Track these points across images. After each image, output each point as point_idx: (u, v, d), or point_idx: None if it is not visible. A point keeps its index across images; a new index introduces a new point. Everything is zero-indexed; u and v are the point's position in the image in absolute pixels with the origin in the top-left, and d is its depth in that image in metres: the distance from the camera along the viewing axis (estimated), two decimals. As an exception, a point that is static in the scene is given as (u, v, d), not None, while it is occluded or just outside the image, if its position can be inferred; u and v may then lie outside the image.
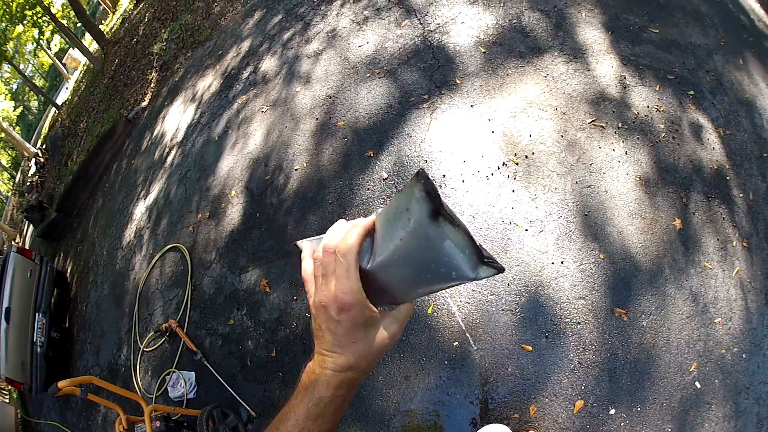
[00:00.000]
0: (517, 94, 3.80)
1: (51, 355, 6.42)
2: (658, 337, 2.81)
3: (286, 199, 4.25)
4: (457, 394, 2.91)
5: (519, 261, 3.11)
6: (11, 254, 6.41)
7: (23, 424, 8.18)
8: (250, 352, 3.84)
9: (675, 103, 3.62)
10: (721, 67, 3.90)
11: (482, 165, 3.52)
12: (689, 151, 3.42)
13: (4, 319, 5.96)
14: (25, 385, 6.18)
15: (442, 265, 0.61)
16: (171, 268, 4.95)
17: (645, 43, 3.95)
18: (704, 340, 2.81)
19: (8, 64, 18.23)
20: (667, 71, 3.77)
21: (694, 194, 3.26)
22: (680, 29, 4.07)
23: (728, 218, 3.21)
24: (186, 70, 7.57)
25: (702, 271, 3.00)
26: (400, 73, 4.38)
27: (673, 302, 2.90)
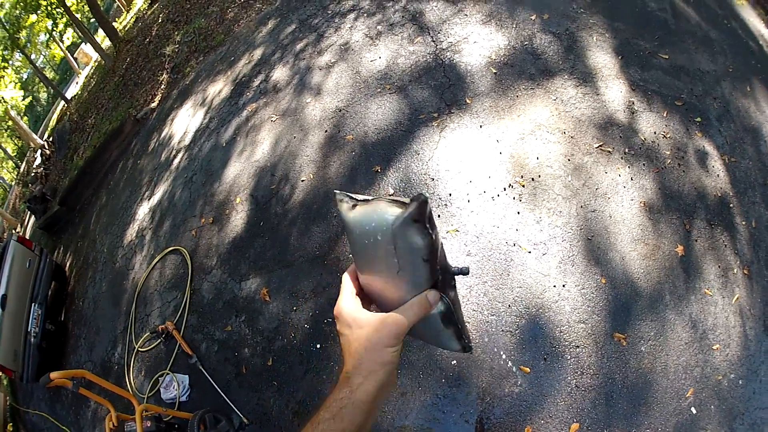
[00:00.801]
0: (526, 116, 3.84)
1: (44, 346, 6.40)
2: (656, 362, 2.82)
3: (290, 210, 4.26)
4: (453, 412, 2.91)
5: (521, 283, 3.13)
6: (11, 242, 6.42)
7: (11, 411, 8.15)
8: (246, 359, 3.83)
9: (682, 130, 3.66)
10: (728, 94, 3.94)
11: (489, 185, 3.55)
12: (694, 178, 3.45)
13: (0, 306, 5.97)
14: (17, 373, 6.15)
15: None
16: (171, 270, 4.96)
17: (654, 68, 3.99)
18: (702, 366, 2.83)
19: (20, 52, 18.35)
20: (675, 97, 3.81)
21: (697, 221, 3.28)
22: (690, 55, 4.11)
23: (730, 245, 3.23)
24: (197, 74, 7.61)
25: (702, 298, 3.02)
26: (410, 89, 4.42)
27: (673, 328, 2.91)
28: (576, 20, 4.44)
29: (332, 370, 3.37)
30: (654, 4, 4.60)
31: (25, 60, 20.86)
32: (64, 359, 6.41)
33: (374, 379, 0.71)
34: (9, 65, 18.22)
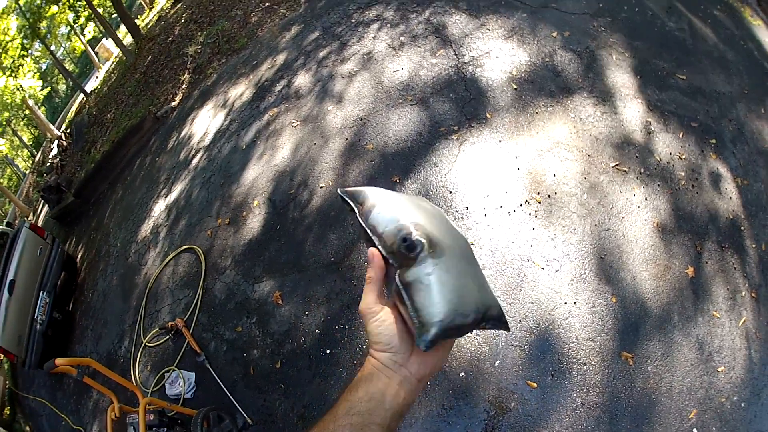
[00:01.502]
0: (545, 133, 3.87)
1: (50, 334, 6.42)
2: (661, 382, 2.82)
3: (308, 215, 4.29)
4: (458, 424, 2.92)
5: (532, 299, 3.15)
6: (23, 229, 6.47)
7: (10, 395, 8.17)
8: (254, 360, 3.85)
9: (696, 151, 3.68)
10: (743, 116, 3.96)
11: (505, 201, 3.58)
12: (707, 200, 3.47)
13: (7, 290, 6.00)
14: (19, 357, 6.18)
15: None
16: (184, 268, 5.00)
17: (672, 89, 4.02)
18: (706, 387, 2.82)
19: (40, 42, 18.58)
20: (692, 119, 3.83)
21: (708, 243, 3.30)
22: (706, 76, 4.14)
23: (739, 268, 3.24)
24: (219, 76, 7.68)
25: (710, 320, 3.03)
26: (432, 102, 4.47)
27: (679, 349, 2.92)
28: (596, 38, 4.48)
29: (341, 376, 3.39)
30: (673, 23, 4.64)
31: (45, 50, 21.10)
32: (69, 348, 6.44)
33: None
34: (28, 54, 18.46)
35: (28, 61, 18.40)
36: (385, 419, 0.71)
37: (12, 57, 16.39)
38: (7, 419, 7.73)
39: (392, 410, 0.72)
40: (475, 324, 0.69)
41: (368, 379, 0.74)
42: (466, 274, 0.73)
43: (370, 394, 0.72)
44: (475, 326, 0.70)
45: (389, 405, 0.71)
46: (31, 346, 6.22)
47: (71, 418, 5.52)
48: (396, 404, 0.72)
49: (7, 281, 6.04)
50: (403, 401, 0.73)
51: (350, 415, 0.71)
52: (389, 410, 0.71)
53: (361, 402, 0.72)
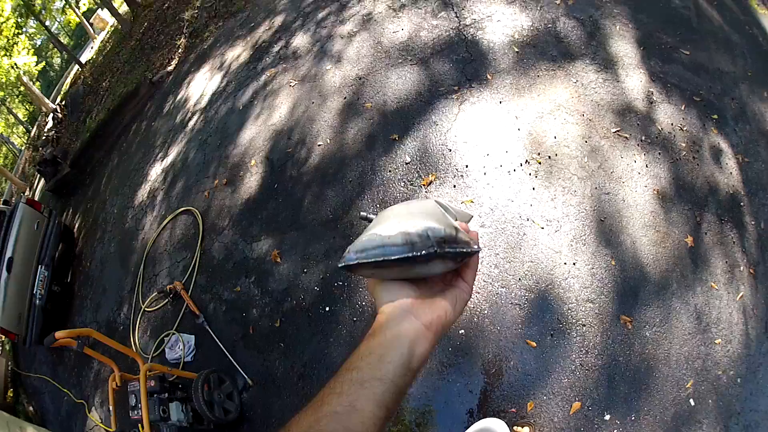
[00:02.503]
0: (546, 96, 3.80)
1: (49, 308, 6.40)
2: (659, 349, 2.80)
3: (306, 173, 4.25)
4: (458, 381, 2.91)
5: (532, 258, 3.12)
6: (20, 205, 6.40)
7: (13, 376, 8.18)
8: (253, 320, 3.85)
9: (698, 125, 3.63)
10: (745, 97, 3.90)
11: (505, 160, 3.53)
12: (707, 172, 3.43)
13: (5, 269, 5.95)
14: (20, 336, 6.17)
15: None
16: (182, 230, 4.96)
17: (675, 62, 3.95)
18: (703, 358, 2.80)
19: (35, 19, 18.25)
20: (694, 93, 3.77)
21: (708, 215, 3.26)
22: (710, 54, 4.07)
23: (738, 243, 3.21)
24: (216, 39, 7.55)
25: (708, 291, 3.00)
26: (432, 62, 4.38)
27: (678, 317, 2.89)
28: (600, 8, 4.39)
29: (340, 334, 3.38)
30: (678, 1, 4.54)
31: (40, 26, 20.74)
32: (68, 320, 6.43)
33: None
34: (23, 32, 18.14)
35: (23, 39, 18.07)
36: (388, 373, 0.65)
37: (6, 37, 16.09)
38: (10, 401, 7.74)
39: (396, 363, 0.66)
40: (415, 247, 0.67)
41: (371, 335, 0.70)
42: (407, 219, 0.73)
43: (371, 348, 0.67)
44: (422, 249, 0.67)
45: (391, 358, 0.66)
46: (31, 322, 6.21)
47: (73, 392, 5.54)
48: (401, 356, 0.66)
49: (5, 259, 5.99)
50: (409, 351, 0.67)
51: (350, 370, 0.66)
52: (392, 363, 0.65)
53: (361, 357, 0.67)
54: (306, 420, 0.62)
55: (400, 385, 0.65)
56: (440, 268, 0.72)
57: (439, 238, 0.68)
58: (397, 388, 0.65)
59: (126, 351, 3.51)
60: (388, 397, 0.63)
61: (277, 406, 3.46)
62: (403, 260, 0.67)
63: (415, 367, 0.67)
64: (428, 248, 0.67)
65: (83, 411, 5.17)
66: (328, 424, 0.60)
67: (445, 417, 2.88)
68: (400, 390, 0.65)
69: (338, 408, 0.62)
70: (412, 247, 0.67)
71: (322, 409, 0.62)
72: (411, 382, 0.67)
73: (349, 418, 0.61)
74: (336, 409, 0.62)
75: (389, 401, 0.63)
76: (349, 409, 0.61)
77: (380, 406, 0.62)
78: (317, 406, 0.63)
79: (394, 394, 0.64)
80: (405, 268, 0.70)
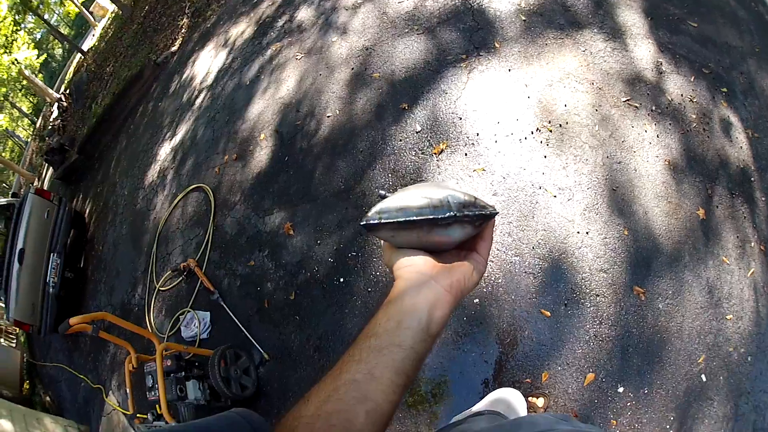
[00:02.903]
0: (555, 64, 3.73)
1: (63, 295, 6.49)
2: (671, 322, 2.77)
3: (316, 145, 4.22)
4: (473, 351, 2.90)
5: (545, 226, 3.09)
6: (29, 196, 6.43)
7: (29, 367, 8.29)
8: (268, 294, 3.85)
9: (708, 97, 3.56)
10: (753, 72, 3.81)
11: (516, 128, 3.48)
12: (718, 145, 3.37)
13: (17, 260, 6.00)
14: (34, 326, 6.25)
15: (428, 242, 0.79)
16: (193, 208, 4.97)
17: (683, 34, 3.86)
18: (714, 333, 2.78)
19: (33, 14, 18.15)
20: (703, 65, 3.69)
21: (718, 188, 3.20)
22: (717, 28, 3.98)
23: (749, 218, 3.16)
24: (219, 17, 7.47)
25: (719, 265, 2.95)
26: (438, 31, 4.30)
27: (690, 290, 2.86)
28: (606, -23, 4.28)
29: (355, 305, 3.38)
30: None
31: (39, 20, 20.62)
32: (83, 305, 6.51)
33: None
34: (21, 28, 18.02)
35: (22, 35, 17.97)
36: (407, 339, 0.65)
37: (5, 35, 16.04)
38: (26, 394, 7.85)
39: (415, 329, 0.66)
40: (436, 210, 0.72)
41: (389, 301, 0.70)
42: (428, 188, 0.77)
43: (389, 315, 0.67)
44: (443, 213, 0.71)
45: (409, 323, 0.66)
46: (45, 311, 6.28)
47: (90, 377, 5.61)
48: (419, 321, 0.66)
49: (17, 251, 6.03)
50: (428, 316, 0.67)
51: (368, 337, 0.66)
52: (410, 329, 0.65)
53: (379, 324, 0.67)
54: (325, 389, 0.63)
55: (419, 351, 0.65)
56: (459, 233, 0.74)
57: (459, 203, 0.71)
58: (417, 355, 0.65)
59: (141, 332, 3.53)
60: (407, 363, 0.64)
61: (293, 380, 3.48)
62: (424, 222, 0.70)
63: (434, 332, 0.68)
64: (449, 211, 0.70)
65: (100, 396, 5.24)
66: (347, 392, 0.61)
67: (461, 387, 2.87)
68: (419, 356, 0.66)
69: (357, 376, 0.62)
70: (433, 210, 0.70)
71: (341, 377, 0.63)
72: (430, 348, 0.67)
73: (368, 385, 0.61)
74: (355, 377, 0.62)
75: (408, 368, 0.64)
76: (368, 376, 0.62)
77: (399, 373, 0.63)
78: (336, 375, 0.64)
79: (413, 360, 0.65)
80: (425, 231, 0.72)
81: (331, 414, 0.60)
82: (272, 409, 3.48)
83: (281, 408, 3.45)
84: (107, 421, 5.05)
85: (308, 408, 0.61)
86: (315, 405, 0.61)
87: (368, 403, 0.60)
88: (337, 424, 0.59)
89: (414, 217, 0.70)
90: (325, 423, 0.59)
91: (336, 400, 0.61)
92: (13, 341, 10.19)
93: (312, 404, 0.62)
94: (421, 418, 2.88)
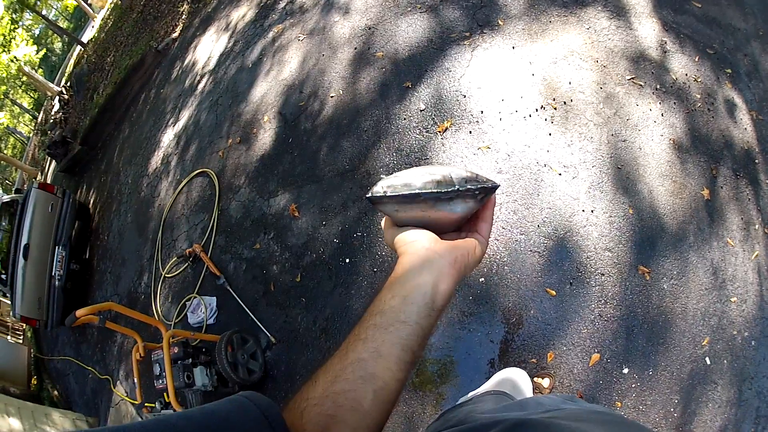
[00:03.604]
0: (559, 42, 3.68)
1: (69, 287, 6.50)
2: (676, 303, 2.74)
3: (320, 125, 4.19)
4: (479, 331, 2.89)
5: (550, 204, 3.06)
6: (32, 190, 6.40)
7: (36, 363, 8.32)
8: (274, 276, 3.85)
9: (712, 77, 3.50)
10: (758, 55, 3.75)
11: (520, 105, 3.44)
12: (722, 125, 3.32)
13: (22, 256, 6.00)
14: (41, 321, 6.27)
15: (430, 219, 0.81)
16: (198, 193, 4.96)
17: (687, 14, 3.79)
18: (719, 316, 2.75)
19: (30, 11, 18.10)
20: (707, 45, 3.63)
21: (723, 168, 3.16)
22: (722, 9, 3.92)
23: (753, 200, 3.12)
24: (219, 1, 7.42)
25: (724, 247, 2.92)
26: (441, 9, 4.25)
27: (694, 270, 2.83)
28: (609, -45, 4.21)
29: (361, 286, 3.37)
30: None
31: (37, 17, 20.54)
32: (89, 296, 6.52)
33: None
34: (19, 26, 17.97)
35: (20, 32, 17.92)
36: (412, 314, 0.64)
37: (2, 34, 16.01)
38: (34, 389, 7.89)
39: (419, 304, 0.65)
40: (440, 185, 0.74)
41: (394, 278, 0.69)
42: (431, 167, 0.79)
43: (394, 292, 0.67)
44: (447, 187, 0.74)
45: (414, 299, 0.65)
46: (51, 304, 6.30)
47: (97, 369, 5.63)
48: (424, 295, 0.66)
49: (22, 246, 6.03)
50: (432, 290, 0.66)
51: (374, 315, 0.66)
52: (415, 304, 0.65)
53: (384, 301, 0.67)
54: (332, 369, 0.63)
55: (425, 327, 0.65)
56: (462, 207, 0.75)
57: (462, 178, 0.74)
58: (422, 330, 0.65)
59: (148, 320, 3.53)
60: (413, 339, 0.64)
61: (300, 363, 3.47)
62: (429, 196, 0.72)
63: (439, 306, 0.68)
64: (452, 186, 0.73)
65: (108, 387, 5.26)
66: (354, 371, 0.61)
67: (467, 367, 2.86)
68: (425, 332, 0.66)
69: (364, 354, 0.62)
70: (436, 185, 0.73)
71: (348, 356, 0.63)
72: (435, 323, 0.68)
73: (375, 364, 0.61)
74: (362, 356, 0.62)
75: (414, 344, 0.64)
76: (375, 354, 0.62)
77: (405, 349, 0.63)
78: (343, 354, 0.64)
79: (419, 336, 0.65)
80: (428, 205, 0.73)
81: (339, 394, 0.60)
82: (280, 393, 3.49)
83: (289, 391, 3.46)
84: (115, 412, 5.07)
85: (316, 389, 0.62)
86: (322, 386, 0.62)
87: (376, 382, 0.61)
88: (344, 404, 0.60)
89: (418, 191, 0.72)
90: (333, 403, 0.60)
91: (343, 380, 0.61)
92: (20, 337, 10.27)
93: (319, 385, 0.62)
94: (428, 398, 2.88)
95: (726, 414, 2.58)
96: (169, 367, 3.11)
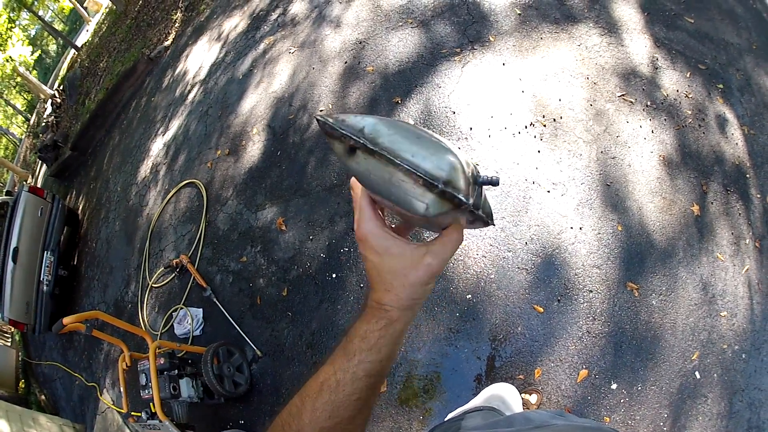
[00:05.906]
0: (550, 58, 3.71)
1: (57, 293, 6.44)
2: (665, 318, 2.76)
3: (308, 139, 4.18)
4: (465, 347, 2.89)
5: (539, 221, 3.07)
6: (23, 194, 6.34)
7: (24, 366, 8.25)
8: (260, 290, 3.83)
9: (704, 93, 3.54)
10: (750, 69, 3.80)
11: (510, 122, 3.46)
12: (713, 141, 3.35)
13: (11, 259, 5.95)
14: (29, 325, 6.21)
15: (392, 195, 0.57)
16: (186, 203, 4.93)
17: (679, 30, 3.84)
18: (709, 330, 2.77)
19: (27, 11, 18.05)
20: (699, 61, 3.68)
21: (713, 184, 3.19)
22: (714, 24, 3.97)
23: (744, 215, 3.15)
24: (212, 11, 7.42)
25: (714, 262, 2.94)
26: (433, 24, 4.28)
27: (684, 286, 2.85)
28: (602, -28, 4.25)
29: (347, 301, 3.36)
30: None
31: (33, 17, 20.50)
32: (77, 303, 6.46)
33: (410, 314, 0.69)
34: (16, 25, 17.94)
35: (16, 32, 17.90)
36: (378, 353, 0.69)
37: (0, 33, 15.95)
38: (22, 393, 7.82)
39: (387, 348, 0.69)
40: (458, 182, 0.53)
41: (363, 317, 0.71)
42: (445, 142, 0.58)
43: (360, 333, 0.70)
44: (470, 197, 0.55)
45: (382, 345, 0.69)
46: (39, 310, 6.24)
47: (84, 375, 5.58)
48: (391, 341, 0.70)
49: (11, 250, 5.97)
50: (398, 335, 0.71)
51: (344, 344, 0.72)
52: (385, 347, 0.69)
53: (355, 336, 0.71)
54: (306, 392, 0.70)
55: (389, 356, 0.69)
56: (450, 220, 0.64)
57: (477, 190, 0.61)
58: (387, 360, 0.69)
59: (134, 330, 3.51)
60: (375, 366, 0.67)
61: (286, 376, 3.45)
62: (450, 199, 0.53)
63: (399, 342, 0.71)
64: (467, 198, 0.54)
65: (95, 394, 5.21)
66: (321, 394, 0.67)
67: (453, 383, 2.86)
68: (389, 358, 0.69)
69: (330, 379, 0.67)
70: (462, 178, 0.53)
71: (318, 378, 0.69)
72: (398, 350, 0.71)
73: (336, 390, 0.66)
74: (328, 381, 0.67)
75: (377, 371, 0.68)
76: (338, 380, 0.67)
77: (369, 375, 0.67)
78: (315, 378, 0.70)
79: (380, 363, 0.68)
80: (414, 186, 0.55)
81: None
82: (266, 406, 3.47)
83: (275, 404, 3.43)
84: (102, 420, 5.02)
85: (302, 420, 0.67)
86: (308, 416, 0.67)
87: None
88: None
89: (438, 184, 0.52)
90: None
91: None
92: (8, 340, 10.18)
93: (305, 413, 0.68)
94: (414, 414, 2.87)
95: (717, 427, 2.60)
96: (155, 378, 3.09)
